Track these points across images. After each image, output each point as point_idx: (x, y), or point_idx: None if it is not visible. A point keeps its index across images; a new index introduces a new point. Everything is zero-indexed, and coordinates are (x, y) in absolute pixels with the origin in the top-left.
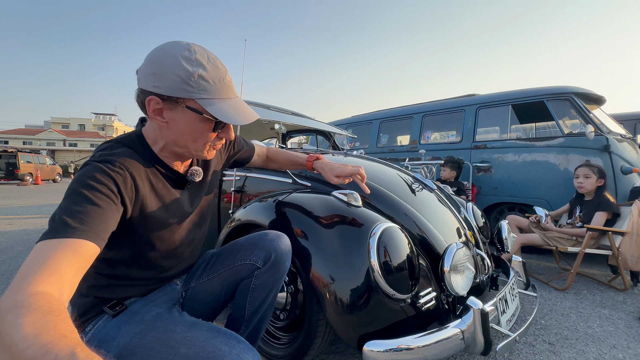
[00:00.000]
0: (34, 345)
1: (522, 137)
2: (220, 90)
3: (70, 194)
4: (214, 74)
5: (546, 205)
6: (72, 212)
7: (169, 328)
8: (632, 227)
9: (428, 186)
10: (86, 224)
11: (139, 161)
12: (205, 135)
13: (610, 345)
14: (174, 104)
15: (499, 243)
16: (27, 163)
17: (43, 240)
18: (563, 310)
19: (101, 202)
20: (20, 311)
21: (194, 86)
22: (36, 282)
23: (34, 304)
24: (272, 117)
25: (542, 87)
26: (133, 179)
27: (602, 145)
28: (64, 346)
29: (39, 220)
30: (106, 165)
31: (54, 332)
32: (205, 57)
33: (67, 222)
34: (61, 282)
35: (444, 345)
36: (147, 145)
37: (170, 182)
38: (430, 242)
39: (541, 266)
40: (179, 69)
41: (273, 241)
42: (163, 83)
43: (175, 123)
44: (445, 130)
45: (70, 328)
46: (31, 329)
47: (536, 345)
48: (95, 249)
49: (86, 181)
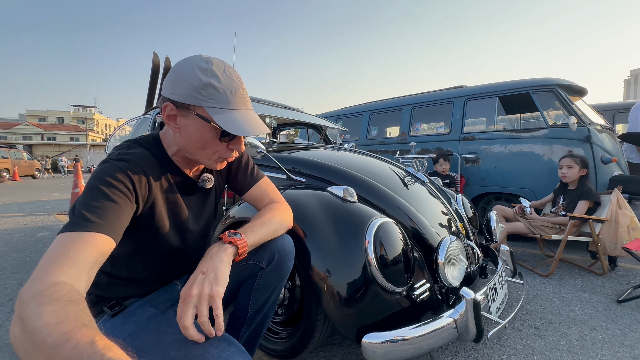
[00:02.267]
0: (56, 332)
1: (508, 129)
2: (230, 101)
3: (89, 190)
4: (227, 84)
5: (531, 194)
6: (91, 207)
7: (161, 330)
8: (611, 215)
9: (420, 179)
10: (104, 219)
11: (153, 162)
12: (213, 144)
13: (591, 327)
14: (186, 111)
15: (488, 233)
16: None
17: (64, 232)
18: (547, 295)
19: (118, 198)
20: (41, 300)
21: (204, 95)
22: (57, 272)
23: (55, 294)
24: (263, 111)
25: (528, 79)
26: (147, 179)
27: (584, 136)
28: (84, 335)
29: (21, 219)
30: (123, 163)
31: (75, 321)
32: (222, 69)
33: (86, 217)
34: (80, 274)
35: (438, 334)
36: (163, 148)
37: (180, 186)
38: (423, 234)
39: (526, 253)
40: (193, 78)
41: (277, 242)
42: (178, 90)
43: (187, 129)
44: (434, 122)
45: (90, 318)
46: (53, 317)
47: (523, 330)
48: (111, 244)
49: (104, 178)
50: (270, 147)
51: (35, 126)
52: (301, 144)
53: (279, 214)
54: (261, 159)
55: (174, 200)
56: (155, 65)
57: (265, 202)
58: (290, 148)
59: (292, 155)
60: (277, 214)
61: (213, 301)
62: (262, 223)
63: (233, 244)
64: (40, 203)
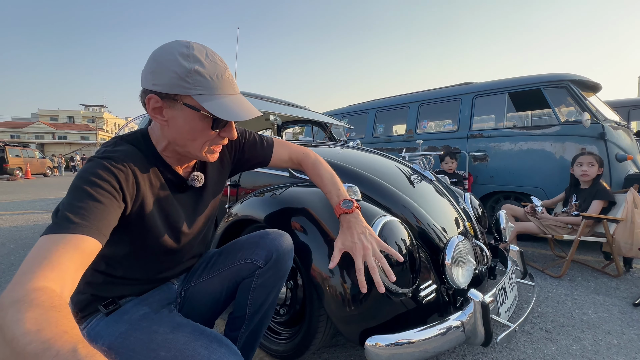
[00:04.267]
0: (36, 341)
1: (519, 126)
2: (218, 86)
3: (73, 190)
4: (212, 69)
5: (542, 193)
6: (74, 207)
7: (152, 329)
8: (627, 214)
9: (427, 177)
10: (88, 219)
11: (141, 159)
12: (205, 134)
13: (605, 331)
14: (172, 101)
15: (497, 233)
16: (15, 157)
17: (45, 235)
18: (559, 297)
19: (103, 198)
20: (22, 306)
21: (190, 82)
22: (38, 277)
23: (36, 300)
24: (267, 108)
25: (539, 74)
26: (135, 177)
27: (598, 133)
28: (66, 342)
29: (31, 216)
30: (108, 161)
31: (56, 328)
32: (204, 53)
33: (69, 218)
34: (63, 278)
35: (445, 337)
36: (151, 144)
37: (170, 184)
38: (429, 234)
39: (536, 253)
40: (176, 65)
41: (275, 240)
42: (161, 81)
43: (175, 121)
44: (442, 119)
45: (72, 324)
46: (33, 324)
47: (533, 333)
48: (96, 245)
49: (88, 177)
50: None
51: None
52: (305, 142)
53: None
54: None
55: (165, 198)
56: None
57: (295, 157)
58: None
59: None
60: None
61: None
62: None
63: (355, 206)
64: (51, 201)
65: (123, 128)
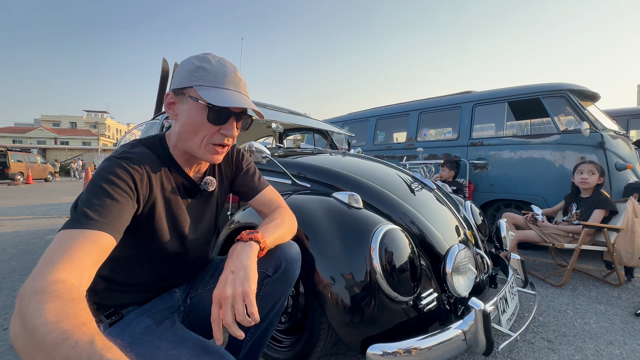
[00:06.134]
0: (55, 331)
1: (518, 134)
2: (220, 80)
3: (91, 187)
4: (219, 69)
5: (542, 201)
6: (93, 204)
7: (154, 344)
8: (627, 223)
9: (427, 186)
10: (105, 216)
11: (155, 162)
12: (204, 127)
13: (607, 341)
14: (182, 95)
15: (498, 241)
16: (17, 162)
17: (65, 229)
18: (560, 306)
19: (119, 197)
20: (42, 297)
21: (195, 76)
22: (58, 269)
23: (56, 291)
24: (269, 116)
25: (538, 84)
26: (149, 178)
27: (597, 142)
28: (84, 334)
29: (32, 222)
30: (126, 161)
31: (75, 320)
32: (217, 59)
33: (87, 214)
34: (81, 271)
35: (446, 346)
36: (167, 147)
37: (181, 188)
38: (430, 242)
39: (537, 262)
40: (188, 64)
41: (283, 249)
42: (176, 79)
43: (182, 115)
44: (442, 127)
45: (89, 317)
46: (53, 315)
47: (535, 342)
48: (112, 242)
49: (107, 176)
50: (276, 152)
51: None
52: (307, 149)
53: (288, 219)
54: (266, 164)
55: (174, 202)
56: (165, 72)
57: (273, 207)
58: (296, 153)
59: (297, 161)
60: (287, 219)
61: (247, 298)
62: (276, 225)
63: (254, 239)
64: (52, 206)
65: (125, 136)
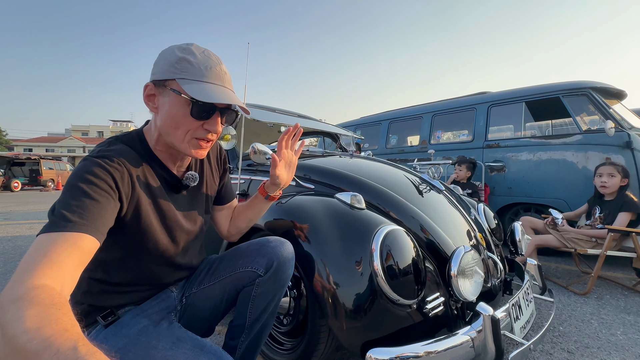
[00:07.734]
0: (36, 338)
1: (537, 135)
2: (204, 74)
3: (69, 189)
4: (203, 61)
5: (564, 205)
6: (71, 206)
7: (151, 344)
8: None
9: (436, 187)
10: (85, 218)
11: (135, 158)
12: (186, 122)
13: (636, 354)
14: (163, 88)
15: (512, 245)
16: (49, 170)
17: (43, 233)
18: (583, 316)
19: (99, 196)
20: (22, 304)
21: (178, 68)
22: (38, 275)
23: (36, 297)
24: (278, 119)
25: (558, 82)
26: (130, 176)
27: (623, 142)
28: (66, 340)
29: None
30: (104, 160)
31: (56, 326)
32: (201, 50)
33: (66, 216)
34: (62, 275)
35: (452, 353)
36: (146, 144)
37: (165, 183)
38: (437, 244)
39: (560, 269)
40: (170, 55)
41: (275, 248)
42: (156, 69)
43: (163, 108)
44: (456, 129)
45: (72, 322)
46: (33, 322)
47: (554, 353)
48: (94, 243)
49: (84, 176)
50: None
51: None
52: (316, 152)
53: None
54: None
55: (161, 198)
56: None
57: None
58: (304, 155)
59: (302, 163)
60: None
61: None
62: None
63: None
64: None
65: None
